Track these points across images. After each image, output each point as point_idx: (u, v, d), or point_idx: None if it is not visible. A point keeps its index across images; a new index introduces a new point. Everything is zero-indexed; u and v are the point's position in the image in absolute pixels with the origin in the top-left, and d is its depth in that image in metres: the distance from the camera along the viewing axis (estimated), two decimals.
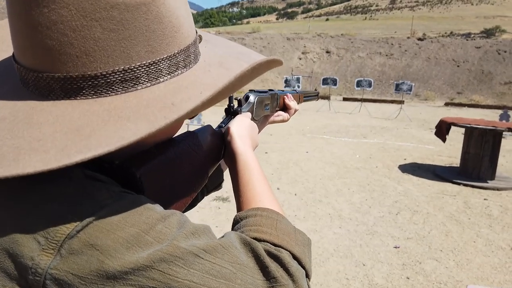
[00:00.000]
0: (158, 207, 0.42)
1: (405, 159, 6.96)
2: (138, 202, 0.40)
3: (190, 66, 0.47)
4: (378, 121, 11.75)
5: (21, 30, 0.40)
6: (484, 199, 4.97)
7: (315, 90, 1.28)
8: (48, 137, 0.37)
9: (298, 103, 1.07)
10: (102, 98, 0.41)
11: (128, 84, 0.42)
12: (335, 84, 14.25)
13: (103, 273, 0.36)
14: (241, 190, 0.57)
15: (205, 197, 0.88)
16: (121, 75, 0.41)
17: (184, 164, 0.52)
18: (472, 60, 19.64)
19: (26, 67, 0.42)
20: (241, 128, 0.66)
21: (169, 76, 0.44)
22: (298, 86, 13.89)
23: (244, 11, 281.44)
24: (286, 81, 13.92)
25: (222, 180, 0.90)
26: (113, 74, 0.41)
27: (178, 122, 0.46)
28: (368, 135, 9.37)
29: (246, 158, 0.61)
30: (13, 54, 0.44)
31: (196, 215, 4.12)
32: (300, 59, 22.48)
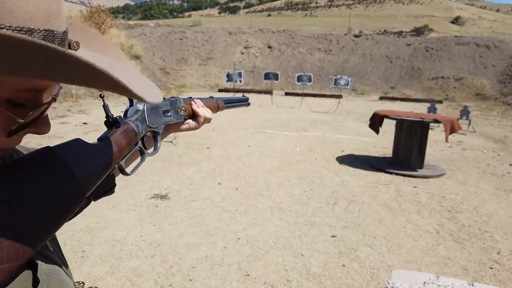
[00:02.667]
0: None
1: (342, 151, 7.21)
2: None
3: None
4: (318, 115, 12.08)
5: None
6: (414, 187, 5.29)
7: (243, 95, 1.22)
8: None
9: (218, 111, 1.00)
10: None
11: None
12: (277, 79, 14.44)
13: None
14: None
15: (98, 199, 0.80)
16: None
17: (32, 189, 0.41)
18: (403, 56, 20.84)
19: None
20: None
21: None
22: (240, 81, 13.89)
23: (186, 4, 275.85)
24: (228, 75, 13.85)
25: (114, 185, 0.83)
26: None
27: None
28: (309, 128, 9.60)
29: None
30: None
31: (133, 214, 3.95)
32: (242, 53, 22.48)
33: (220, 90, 18.11)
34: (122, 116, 0.66)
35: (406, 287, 1.31)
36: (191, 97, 0.89)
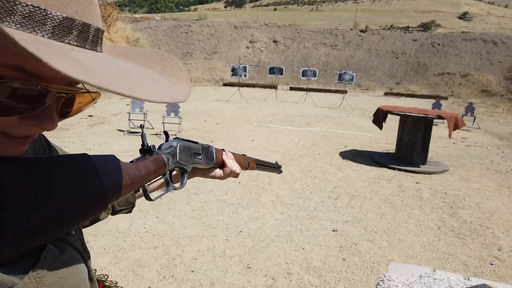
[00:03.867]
0: None
1: (345, 146, 7.22)
2: None
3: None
4: (322, 110, 12.07)
5: None
6: (416, 183, 5.29)
7: (276, 162, 1.23)
8: None
9: (247, 169, 1.04)
10: None
11: None
12: (281, 74, 14.42)
13: None
14: None
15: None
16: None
17: (65, 182, 0.46)
18: (409, 52, 20.71)
19: None
20: None
21: None
22: (245, 75, 13.88)
23: None
24: (233, 69, 13.85)
25: (133, 206, 0.89)
26: None
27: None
28: (313, 123, 9.60)
29: None
30: None
31: (137, 206, 3.99)
32: (247, 48, 22.43)
33: (225, 84, 18.12)
34: (157, 147, 0.71)
35: (402, 279, 1.33)
36: (223, 149, 0.93)
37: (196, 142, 0.83)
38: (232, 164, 0.92)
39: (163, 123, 7.03)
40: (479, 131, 9.65)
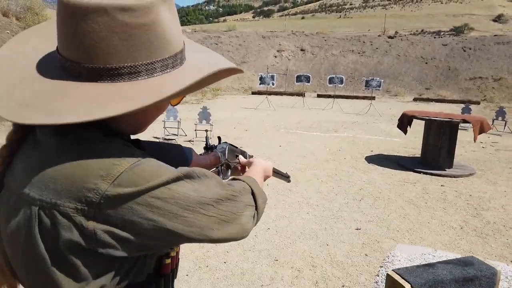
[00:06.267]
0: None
1: (372, 151, 7.35)
2: (156, 163, 0.66)
3: (177, 67, 0.70)
4: (349, 117, 12.18)
5: (66, 33, 0.63)
6: (441, 186, 5.38)
7: (286, 173, 1.56)
8: (79, 103, 0.61)
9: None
10: (115, 83, 0.64)
11: (132, 76, 0.64)
12: (308, 81, 14.64)
13: (141, 190, 0.60)
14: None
15: None
16: (128, 69, 0.64)
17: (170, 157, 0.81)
18: (439, 57, 20.43)
19: (65, 57, 0.64)
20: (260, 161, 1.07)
21: (161, 73, 0.67)
22: (273, 84, 14.19)
23: (221, 9, 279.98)
24: (261, 78, 14.20)
25: None
26: (123, 68, 0.63)
27: (163, 104, 0.71)
28: (339, 129, 9.76)
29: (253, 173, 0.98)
30: (57, 47, 0.67)
31: None
32: (275, 57, 22.80)
33: (253, 93, 18.50)
34: (213, 145, 1.11)
35: (405, 256, 1.56)
36: (253, 155, 1.26)
37: (238, 148, 1.18)
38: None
39: (195, 130, 7.41)
40: (511, 136, 9.50)
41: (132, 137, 0.81)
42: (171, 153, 0.82)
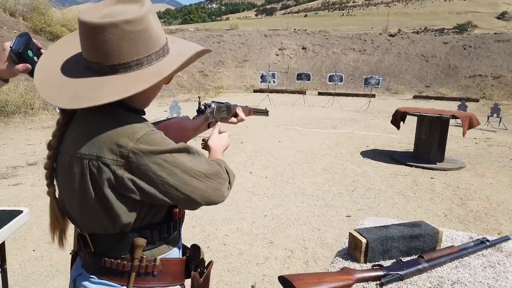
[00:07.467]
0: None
1: (367, 146, 7.64)
2: (164, 135, 0.97)
3: (166, 55, 1.00)
4: (348, 114, 12.45)
5: (89, 43, 0.92)
6: (431, 178, 5.67)
7: (265, 108, 1.92)
8: (112, 89, 0.92)
9: (248, 115, 1.65)
10: (128, 73, 0.93)
11: (139, 66, 0.94)
12: (309, 79, 14.91)
13: (155, 150, 0.91)
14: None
15: None
16: (135, 62, 0.93)
17: (176, 127, 1.12)
18: (439, 55, 20.64)
19: (89, 60, 0.95)
20: (214, 141, 1.33)
21: (156, 61, 0.97)
22: (274, 82, 14.48)
23: (223, 7, 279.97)
24: (262, 76, 14.48)
25: None
26: (131, 62, 0.93)
27: (160, 84, 1.01)
28: (338, 126, 10.05)
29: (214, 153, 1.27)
30: (81, 53, 0.97)
31: None
32: (277, 55, 23.06)
33: (255, 91, 18.79)
34: (204, 108, 1.40)
35: (371, 224, 1.85)
36: (236, 104, 1.55)
37: (223, 102, 1.47)
38: (241, 114, 1.54)
39: None
40: (505, 132, 9.75)
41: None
42: (170, 131, 1.08)
